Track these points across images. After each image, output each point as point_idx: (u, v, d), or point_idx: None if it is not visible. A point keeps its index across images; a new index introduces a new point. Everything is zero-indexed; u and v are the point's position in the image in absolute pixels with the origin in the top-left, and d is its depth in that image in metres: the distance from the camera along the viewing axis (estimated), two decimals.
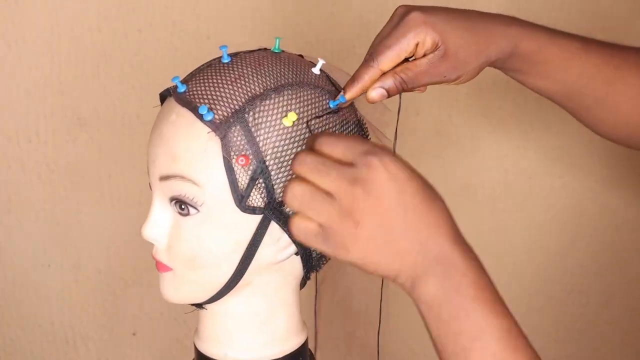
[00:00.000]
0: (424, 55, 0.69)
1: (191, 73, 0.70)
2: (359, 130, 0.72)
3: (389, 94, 0.70)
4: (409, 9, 0.70)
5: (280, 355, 0.74)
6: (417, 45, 0.68)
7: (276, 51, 0.72)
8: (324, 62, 0.71)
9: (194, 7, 1.25)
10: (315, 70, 0.71)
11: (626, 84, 0.77)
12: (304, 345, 0.77)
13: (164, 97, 0.71)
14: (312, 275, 0.76)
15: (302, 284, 0.76)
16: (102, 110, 1.26)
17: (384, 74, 0.69)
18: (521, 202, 1.45)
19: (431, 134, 1.37)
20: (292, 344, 0.75)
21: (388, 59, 0.68)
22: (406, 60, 0.70)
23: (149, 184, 0.72)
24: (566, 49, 0.75)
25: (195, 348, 0.77)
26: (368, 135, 0.74)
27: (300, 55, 0.74)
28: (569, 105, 0.80)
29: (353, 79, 0.69)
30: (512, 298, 1.52)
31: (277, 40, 0.72)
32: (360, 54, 0.70)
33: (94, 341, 1.36)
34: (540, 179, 1.44)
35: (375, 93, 0.69)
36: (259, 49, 0.72)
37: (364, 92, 0.69)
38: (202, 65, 0.71)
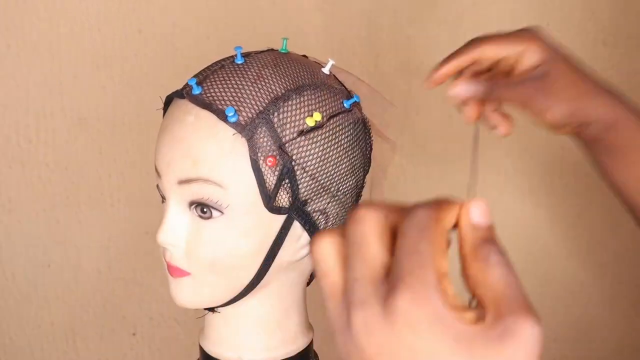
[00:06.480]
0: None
1: (202, 74, 0.69)
2: (364, 129, 0.73)
3: (473, 95, 0.69)
4: (531, 27, 0.68)
5: (293, 354, 0.74)
6: (521, 54, 0.66)
7: (283, 52, 0.72)
8: (334, 63, 0.72)
9: (194, 7, 1.25)
10: (325, 71, 0.71)
11: None
12: (311, 343, 0.77)
13: (169, 99, 0.70)
14: None
15: (309, 281, 0.76)
16: (102, 110, 1.26)
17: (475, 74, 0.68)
18: (521, 202, 1.45)
19: (431, 134, 1.37)
20: (301, 343, 0.75)
21: (488, 47, 0.67)
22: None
23: (157, 186, 0.70)
24: None
25: (202, 350, 0.75)
26: (371, 135, 0.74)
27: (304, 56, 0.74)
28: None
29: (450, 57, 0.68)
30: None
31: (285, 40, 0.72)
32: (360, 54, 0.70)
33: (94, 341, 1.36)
34: (540, 179, 1.44)
35: (460, 89, 0.68)
36: (268, 50, 0.72)
37: (452, 73, 0.69)
38: (213, 66, 0.70)
